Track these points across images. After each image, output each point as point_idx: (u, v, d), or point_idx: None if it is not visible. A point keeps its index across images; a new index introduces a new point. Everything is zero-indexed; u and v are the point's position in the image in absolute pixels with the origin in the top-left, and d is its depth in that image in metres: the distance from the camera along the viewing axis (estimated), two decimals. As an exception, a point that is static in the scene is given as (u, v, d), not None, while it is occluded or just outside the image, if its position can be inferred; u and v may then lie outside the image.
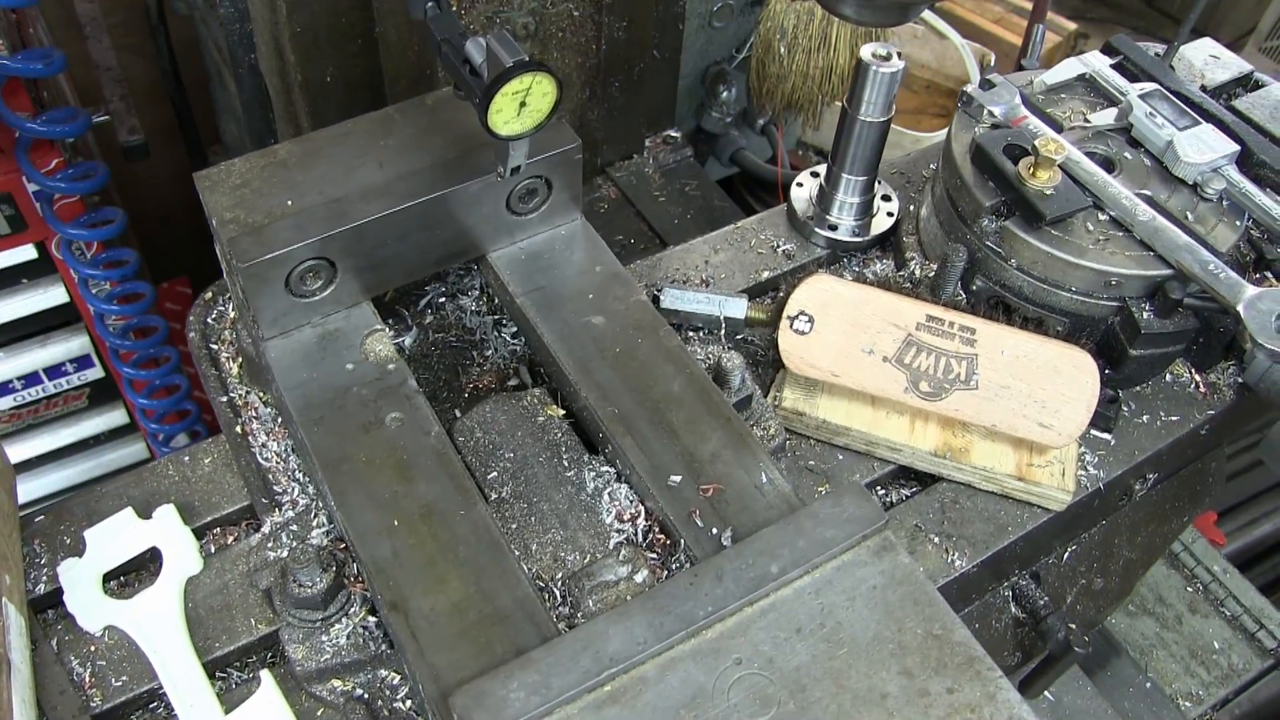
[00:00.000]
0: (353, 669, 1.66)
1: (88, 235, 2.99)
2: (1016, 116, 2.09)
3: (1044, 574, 2.24)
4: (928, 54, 4.55)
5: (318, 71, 2.50)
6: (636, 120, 3.12)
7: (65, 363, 3.45)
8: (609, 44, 2.80)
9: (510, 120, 1.67)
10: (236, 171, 1.86)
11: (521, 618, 1.55)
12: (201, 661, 1.69)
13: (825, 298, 1.96)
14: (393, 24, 2.44)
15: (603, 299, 1.91)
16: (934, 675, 1.45)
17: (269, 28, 2.45)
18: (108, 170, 2.96)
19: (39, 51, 2.74)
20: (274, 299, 1.79)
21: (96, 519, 1.83)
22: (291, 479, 1.86)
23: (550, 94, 1.67)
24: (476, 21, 2.54)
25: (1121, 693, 3.35)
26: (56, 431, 3.69)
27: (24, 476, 3.73)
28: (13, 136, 2.75)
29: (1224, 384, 2.15)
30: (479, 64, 1.65)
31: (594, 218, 3.06)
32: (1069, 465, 1.96)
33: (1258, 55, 5.37)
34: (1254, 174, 2.06)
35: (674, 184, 3.16)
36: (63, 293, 3.23)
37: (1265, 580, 4.14)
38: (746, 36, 3.42)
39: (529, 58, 1.60)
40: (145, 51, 3.89)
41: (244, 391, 1.97)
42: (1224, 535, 4.18)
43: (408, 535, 1.64)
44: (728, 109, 3.52)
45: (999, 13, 5.07)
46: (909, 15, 1.91)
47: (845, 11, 1.88)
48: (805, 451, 2.02)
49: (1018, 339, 1.95)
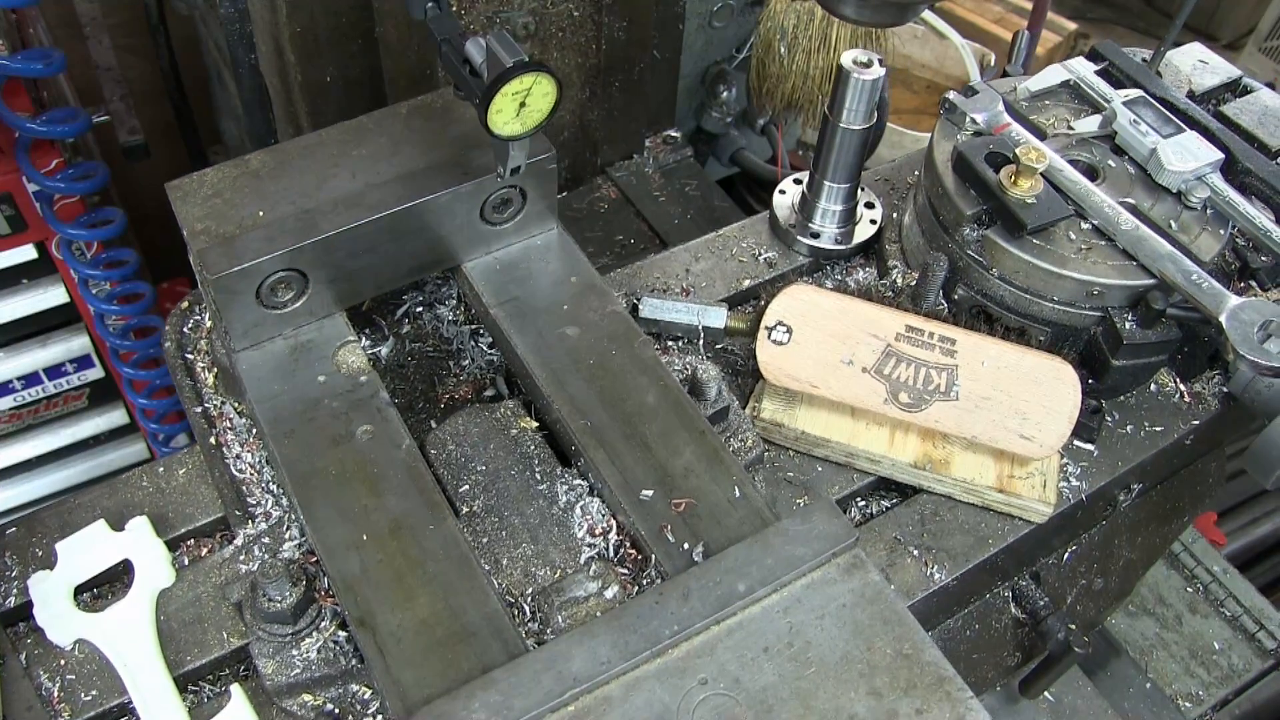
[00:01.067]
0: (323, 684, 1.64)
1: (88, 235, 2.99)
2: (999, 124, 2.07)
3: (1044, 574, 2.22)
4: (928, 54, 4.53)
5: (318, 71, 2.50)
6: (636, 120, 3.11)
7: (65, 363, 3.46)
8: (609, 44, 2.79)
9: (510, 120, 1.66)
10: (209, 181, 1.85)
11: (489, 634, 1.54)
12: (172, 675, 1.68)
13: (803, 308, 1.95)
14: (393, 24, 2.44)
15: (578, 310, 1.90)
16: (903, 695, 1.44)
17: (269, 28, 2.45)
18: (108, 170, 2.97)
19: (39, 51, 2.75)
20: (245, 310, 1.78)
21: (69, 531, 1.82)
22: (265, 491, 1.85)
23: (550, 94, 1.66)
24: (476, 21, 2.54)
25: (1121, 693, 3.33)
26: (56, 431, 3.69)
27: (24, 476, 3.74)
28: (13, 136, 2.75)
29: (1209, 393, 2.12)
30: (479, 64, 1.65)
31: (594, 218, 3.07)
32: (1050, 477, 1.94)
33: (1258, 55, 5.33)
34: (1239, 182, 2.04)
35: (674, 184, 3.16)
36: (63, 293, 3.23)
37: (1265, 580, 4.11)
38: (746, 36, 3.41)
39: (529, 58, 1.60)
40: (145, 51, 3.89)
41: (219, 402, 1.96)
42: (1224, 535, 4.16)
43: (376, 550, 1.62)
44: (728, 109, 3.51)
45: (999, 13, 5.06)
46: (908, 15, 1.90)
47: (845, 11, 1.87)
48: (784, 463, 2.00)
49: (998, 349, 1.93)
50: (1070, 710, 3.02)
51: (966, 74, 4.01)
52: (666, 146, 3.24)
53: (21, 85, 2.79)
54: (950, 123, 2.12)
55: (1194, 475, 2.43)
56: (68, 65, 2.75)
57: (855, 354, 1.93)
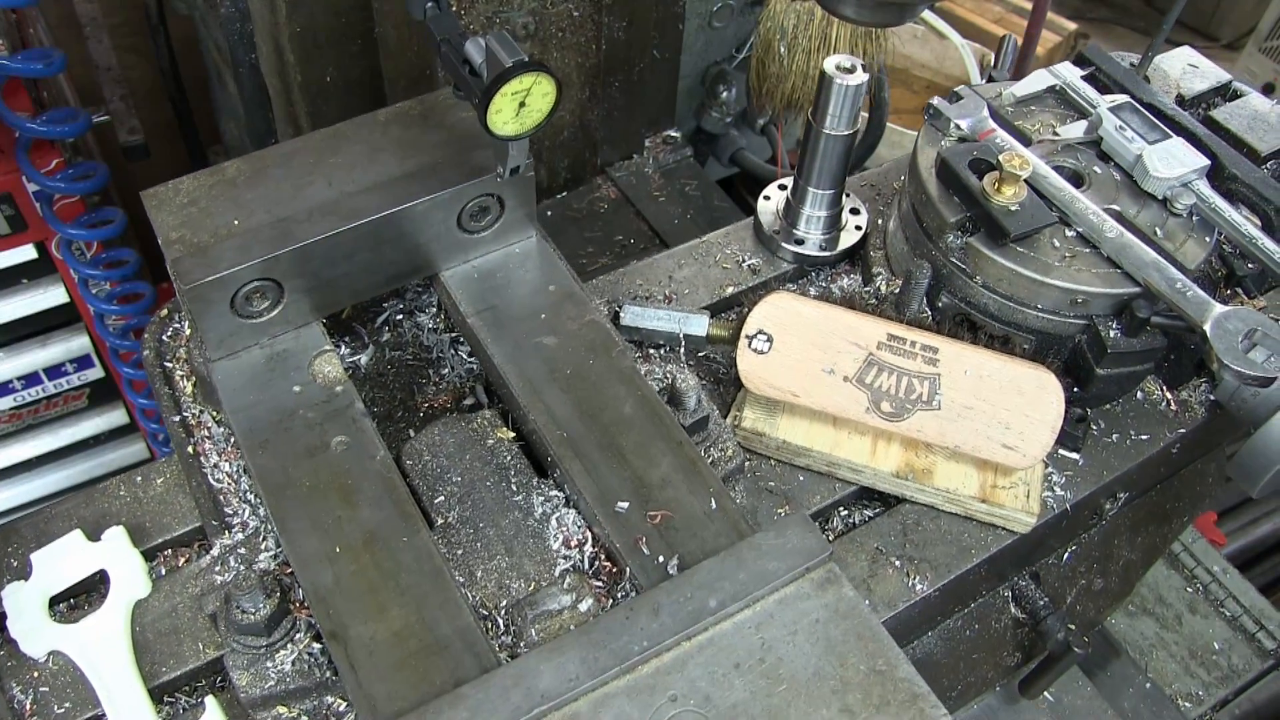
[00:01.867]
0: (298, 696, 1.63)
1: (88, 235, 3.00)
2: (984, 130, 2.05)
3: (1044, 574, 2.21)
4: (928, 54, 4.51)
5: (318, 71, 2.49)
6: (636, 120, 3.11)
7: (65, 363, 3.47)
8: (609, 44, 2.78)
9: (509, 120, 1.66)
10: (184, 190, 1.84)
11: (462, 648, 1.53)
12: (147, 687, 1.67)
13: (784, 317, 1.93)
14: (393, 24, 2.43)
15: (555, 319, 1.89)
16: (876, 712, 1.43)
17: (269, 28, 2.44)
18: (108, 170, 2.98)
19: (39, 51, 2.75)
20: (220, 320, 1.77)
21: (46, 541, 1.81)
22: (242, 500, 1.84)
23: (550, 94, 1.66)
24: (476, 21, 2.54)
25: (1121, 693, 3.32)
26: (56, 431, 3.71)
27: (24, 476, 3.76)
28: (13, 136, 2.76)
29: (1195, 401, 2.11)
30: (478, 64, 1.64)
31: (594, 218, 3.07)
32: (1034, 487, 1.93)
33: (1258, 55, 5.30)
34: (1225, 188, 2.02)
35: (674, 184, 3.15)
36: (63, 293, 3.24)
37: (1265, 580, 4.11)
38: (746, 36, 3.40)
39: (529, 58, 1.60)
40: (145, 51, 3.89)
41: (198, 411, 1.95)
42: (1224, 535, 4.14)
43: (350, 562, 1.62)
44: (728, 109, 3.50)
45: (999, 13, 5.03)
46: (908, 15, 1.88)
47: (845, 11, 1.85)
48: (766, 472, 1.99)
49: (981, 358, 1.91)
50: (1070, 710, 3.01)
51: (966, 74, 4.00)
52: (666, 146, 3.23)
53: (21, 85, 2.80)
54: (935, 128, 2.10)
55: (1193, 476, 2.41)
56: (68, 65, 2.76)
57: (837, 363, 1.92)
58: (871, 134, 3.09)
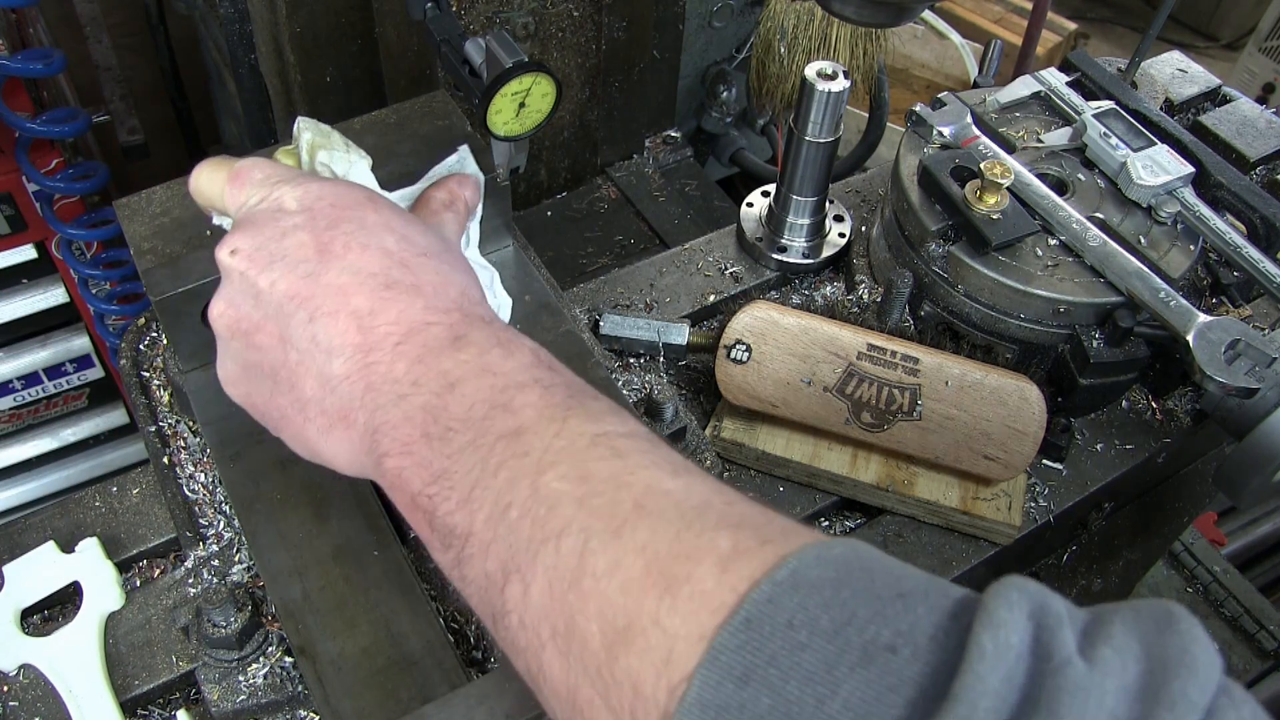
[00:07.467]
0: (270, 710, 1.62)
1: (88, 235, 3.01)
2: (967, 136, 2.03)
3: (1043, 575, 2.19)
4: (928, 54, 4.48)
5: (318, 71, 2.48)
6: (636, 120, 3.09)
7: (65, 363, 3.48)
8: (609, 44, 2.77)
9: (510, 121, 1.65)
10: (157, 200, 1.83)
11: (430, 664, 1.52)
12: (119, 700, 1.66)
13: (763, 326, 1.91)
14: (393, 24, 2.42)
15: (531, 329, 1.87)
16: None
17: (269, 28, 2.43)
18: (108, 170, 2.98)
19: (39, 51, 2.76)
20: (191, 332, 1.76)
21: (19, 552, 1.80)
22: (218, 511, 1.83)
23: (550, 94, 1.65)
24: (476, 21, 2.52)
25: (1121, 693, 3.29)
26: (56, 431, 3.72)
27: (24, 477, 3.76)
28: (13, 136, 2.77)
29: (1181, 411, 2.08)
30: (478, 65, 1.63)
31: (594, 218, 3.06)
32: (1016, 498, 1.91)
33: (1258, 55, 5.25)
34: (1211, 196, 1.99)
35: (674, 184, 3.13)
36: (63, 293, 3.25)
37: (1265, 580, 4.08)
38: (746, 36, 3.37)
39: (528, 58, 1.59)
40: (145, 51, 3.90)
41: (174, 421, 1.94)
42: (1224, 535, 4.11)
43: (319, 577, 1.61)
44: (728, 109, 3.47)
45: (999, 13, 5.01)
46: (908, 16, 1.86)
47: (845, 12, 1.83)
48: (746, 483, 1.97)
49: (962, 368, 1.89)
50: (1070, 711, 2.99)
51: (966, 74, 3.97)
52: (666, 146, 3.22)
53: (21, 85, 2.80)
54: (917, 135, 2.08)
55: (1194, 476, 2.39)
56: (68, 65, 2.76)
57: (816, 373, 1.90)
58: (871, 134, 3.08)
